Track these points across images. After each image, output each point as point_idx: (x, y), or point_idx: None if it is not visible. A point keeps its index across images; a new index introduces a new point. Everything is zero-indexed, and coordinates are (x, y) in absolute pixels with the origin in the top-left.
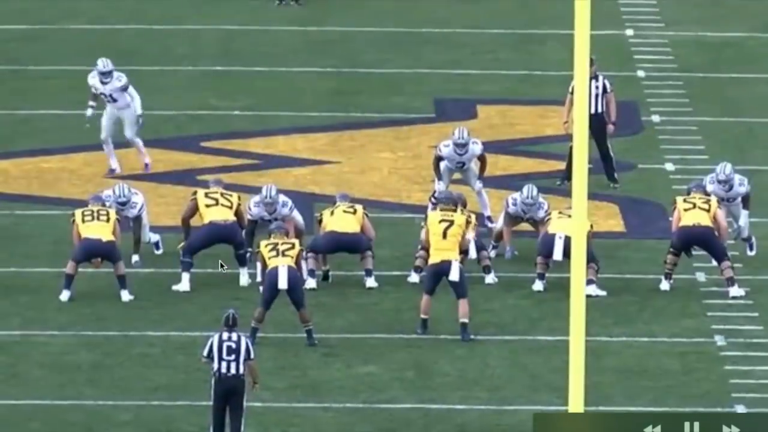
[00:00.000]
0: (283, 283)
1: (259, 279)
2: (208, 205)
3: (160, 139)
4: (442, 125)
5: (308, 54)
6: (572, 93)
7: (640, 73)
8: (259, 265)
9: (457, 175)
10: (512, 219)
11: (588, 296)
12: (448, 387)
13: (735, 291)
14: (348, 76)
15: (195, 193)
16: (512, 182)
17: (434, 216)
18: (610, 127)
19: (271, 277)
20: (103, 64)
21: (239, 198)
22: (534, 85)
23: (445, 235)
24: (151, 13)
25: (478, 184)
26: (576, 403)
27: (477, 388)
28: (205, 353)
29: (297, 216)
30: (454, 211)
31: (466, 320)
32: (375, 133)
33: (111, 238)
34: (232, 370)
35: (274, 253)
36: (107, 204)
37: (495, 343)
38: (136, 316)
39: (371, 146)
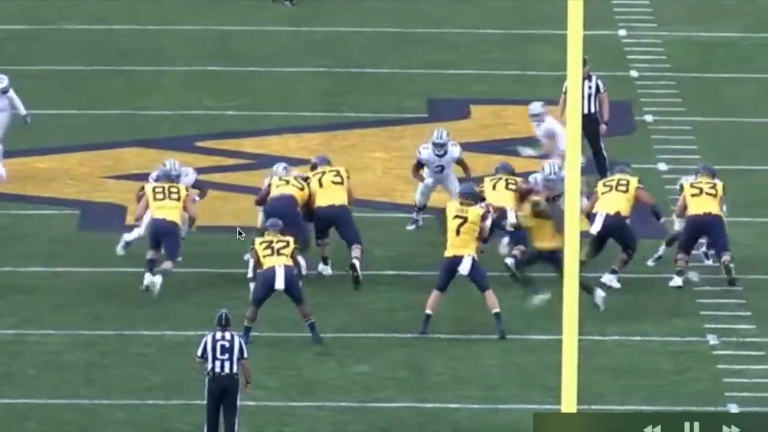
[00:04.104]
0: (280, 284)
1: (250, 275)
2: (277, 186)
3: (154, 138)
4: (435, 125)
5: (301, 54)
6: (565, 93)
7: (633, 73)
8: (251, 261)
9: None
10: None
11: (603, 285)
12: (442, 386)
13: (735, 274)
14: (341, 76)
15: (270, 177)
16: None
17: (451, 209)
18: (603, 127)
19: (267, 277)
20: None
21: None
22: (527, 86)
23: (458, 232)
24: (146, 13)
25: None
26: (569, 402)
27: (471, 387)
28: (199, 353)
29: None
30: (471, 205)
31: (498, 310)
32: (368, 132)
33: (176, 219)
34: (226, 369)
35: (269, 251)
36: (154, 179)
37: (489, 342)
38: (131, 315)
39: (364, 146)
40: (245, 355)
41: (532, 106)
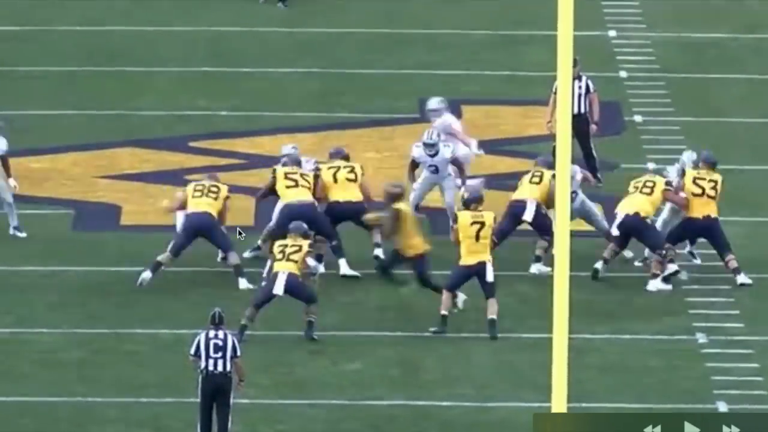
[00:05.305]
0: (278, 290)
1: (264, 274)
2: (288, 186)
3: (148, 139)
4: (427, 125)
5: (294, 55)
6: (555, 93)
7: (623, 74)
8: (269, 263)
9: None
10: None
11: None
12: (434, 384)
13: (742, 278)
14: (333, 77)
15: (274, 171)
16: (496, 181)
17: (465, 218)
18: (593, 127)
19: (270, 282)
20: None
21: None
22: (518, 86)
23: (477, 238)
24: (139, 15)
25: (450, 195)
26: (559, 401)
27: (462, 385)
28: (192, 351)
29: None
30: (482, 209)
31: (494, 317)
32: (360, 133)
33: (213, 212)
34: (219, 368)
35: (280, 255)
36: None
37: (480, 340)
38: (125, 314)
39: (356, 146)
40: (238, 353)
41: (429, 101)
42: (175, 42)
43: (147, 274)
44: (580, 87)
